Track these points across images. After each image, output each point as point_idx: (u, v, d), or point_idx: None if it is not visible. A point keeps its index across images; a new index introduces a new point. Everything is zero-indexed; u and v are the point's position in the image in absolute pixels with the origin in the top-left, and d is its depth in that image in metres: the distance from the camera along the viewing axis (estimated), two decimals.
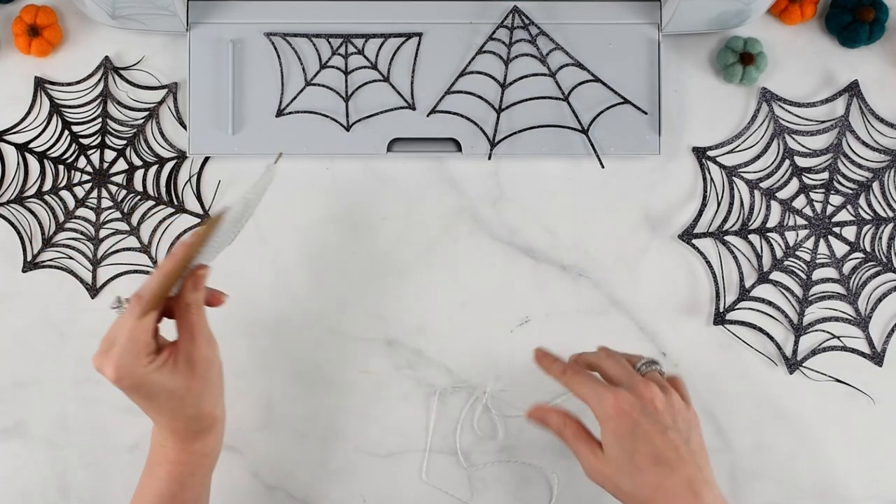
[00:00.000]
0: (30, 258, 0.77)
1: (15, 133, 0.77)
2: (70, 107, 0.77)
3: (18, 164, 0.77)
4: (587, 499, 0.75)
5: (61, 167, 0.77)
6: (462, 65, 0.76)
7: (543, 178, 0.78)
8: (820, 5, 0.78)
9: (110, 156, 0.77)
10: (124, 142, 0.77)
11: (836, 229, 0.77)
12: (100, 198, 0.77)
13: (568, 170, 0.78)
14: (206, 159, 0.77)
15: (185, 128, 0.77)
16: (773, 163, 0.77)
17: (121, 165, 0.77)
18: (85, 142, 0.77)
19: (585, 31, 0.76)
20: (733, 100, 0.78)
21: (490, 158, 0.76)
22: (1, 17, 0.78)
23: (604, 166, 0.76)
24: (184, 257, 0.60)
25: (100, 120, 0.77)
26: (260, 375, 0.76)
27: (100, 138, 0.77)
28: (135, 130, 0.77)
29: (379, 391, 0.76)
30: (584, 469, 0.64)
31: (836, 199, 0.77)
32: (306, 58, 0.76)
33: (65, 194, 0.77)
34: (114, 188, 0.77)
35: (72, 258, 0.77)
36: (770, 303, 0.77)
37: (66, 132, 0.77)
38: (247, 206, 0.63)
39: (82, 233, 0.77)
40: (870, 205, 0.77)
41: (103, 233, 0.77)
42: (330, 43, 0.76)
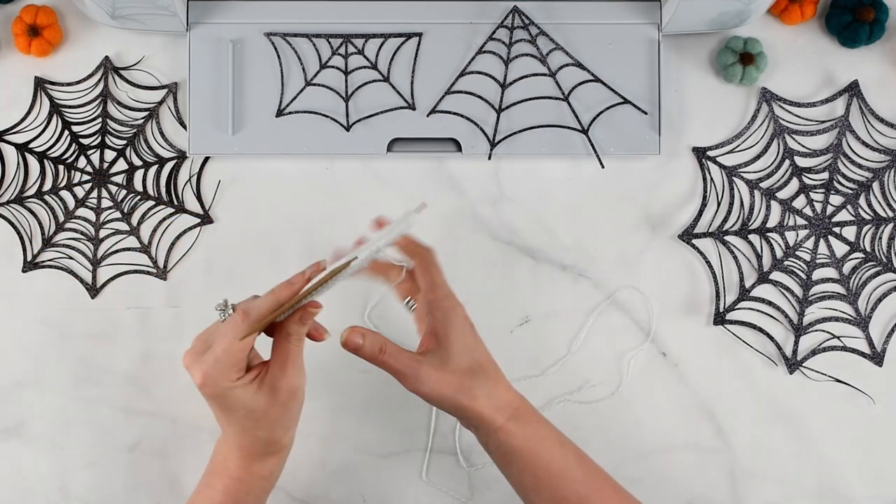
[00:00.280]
0: (30, 258, 0.77)
1: (15, 133, 0.77)
2: (70, 107, 0.77)
3: (18, 164, 0.77)
4: None
5: (61, 167, 0.77)
6: (462, 65, 0.76)
7: (543, 178, 0.78)
8: (820, 5, 0.78)
9: (110, 156, 0.77)
10: (124, 142, 0.77)
11: (836, 229, 0.77)
12: (100, 198, 0.77)
13: (568, 170, 0.78)
14: (206, 159, 0.77)
15: (185, 128, 0.77)
16: (773, 163, 0.77)
17: (121, 165, 0.77)
18: (85, 142, 0.77)
19: (585, 31, 0.76)
20: (733, 100, 0.78)
21: (490, 158, 0.76)
22: (1, 17, 0.78)
23: (604, 166, 0.76)
24: (301, 290, 0.60)
25: (100, 120, 0.77)
26: None
27: (100, 138, 0.77)
28: (135, 130, 0.77)
29: (379, 391, 0.76)
30: (413, 378, 0.61)
31: (836, 199, 0.77)
32: (306, 58, 0.76)
33: (65, 194, 0.77)
34: (114, 188, 0.77)
35: (72, 258, 0.77)
36: (770, 303, 0.77)
37: (66, 132, 0.77)
38: (375, 253, 0.62)
39: (82, 233, 0.77)
40: (870, 205, 0.77)
41: (103, 233, 0.77)
42: (330, 43, 0.76)
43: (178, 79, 0.78)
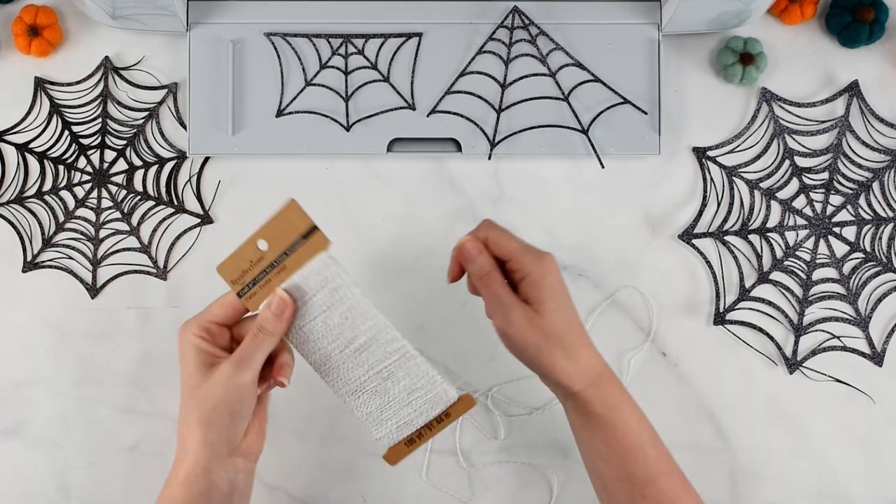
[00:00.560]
0: (30, 258, 0.77)
1: (15, 133, 0.77)
2: (70, 107, 0.77)
3: (18, 164, 0.77)
4: (587, 499, 0.75)
5: (61, 167, 0.77)
6: (462, 65, 0.76)
7: (543, 178, 0.78)
8: (820, 5, 0.78)
9: (110, 156, 0.77)
10: (124, 142, 0.77)
11: (836, 229, 0.77)
12: (100, 198, 0.77)
13: (568, 170, 0.78)
14: (206, 159, 0.77)
15: (185, 128, 0.77)
16: (773, 163, 0.77)
17: (121, 165, 0.77)
18: (85, 142, 0.77)
19: (585, 31, 0.76)
20: (733, 100, 0.78)
21: (490, 158, 0.76)
22: (1, 17, 0.78)
23: (604, 166, 0.76)
24: (275, 254, 0.61)
25: (100, 120, 0.77)
26: None
27: (100, 138, 0.77)
28: (135, 130, 0.77)
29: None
30: (504, 316, 0.61)
31: (836, 199, 0.77)
32: (306, 58, 0.76)
33: (65, 194, 0.77)
34: (114, 188, 0.77)
35: (72, 258, 0.77)
36: (770, 303, 0.77)
37: (66, 132, 0.77)
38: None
39: (82, 233, 0.77)
40: (870, 205, 0.77)
41: (103, 233, 0.77)
42: (330, 43, 0.76)
43: (178, 79, 0.78)
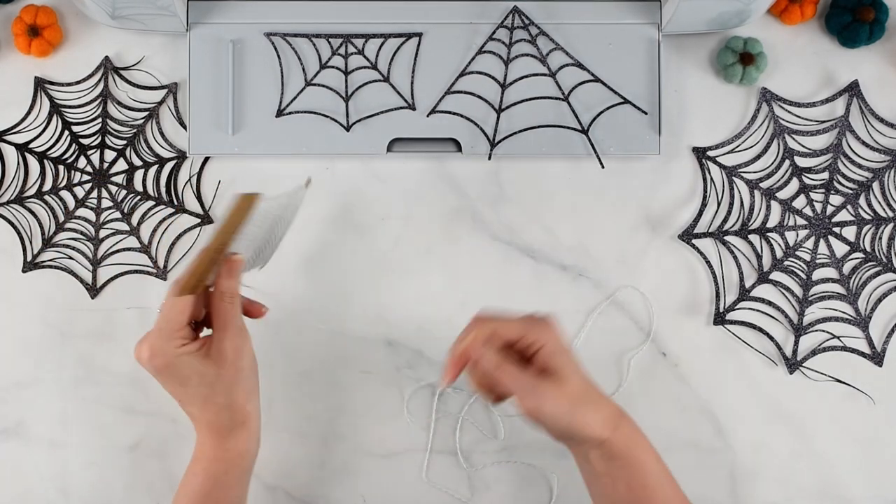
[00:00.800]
0: (30, 258, 0.77)
1: (15, 133, 0.77)
2: (70, 107, 0.77)
3: (18, 164, 0.77)
4: (587, 499, 0.75)
5: (61, 167, 0.77)
6: (462, 65, 0.76)
7: (543, 178, 0.78)
8: (820, 5, 0.78)
9: (110, 156, 0.77)
10: (124, 142, 0.77)
11: (836, 229, 0.77)
12: (100, 198, 0.77)
13: (568, 170, 0.78)
14: (206, 159, 0.77)
15: (185, 128, 0.77)
16: (773, 163, 0.77)
17: (121, 165, 0.77)
18: (85, 142, 0.77)
19: (585, 31, 0.76)
20: (733, 100, 0.78)
21: (490, 158, 0.76)
22: (1, 17, 0.78)
23: (604, 166, 0.76)
24: (218, 240, 0.62)
25: (100, 120, 0.77)
26: (260, 375, 0.76)
27: (100, 138, 0.77)
28: (135, 130, 0.77)
29: (379, 391, 0.76)
30: (532, 396, 0.60)
31: (836, 199, 0.77)
32: (306, 58, 0.76)
33: (65, 194, 0.77)
34: (114, 188, 0.77)
35: (72, 258, 0.77)
36: (770, 303, 0.77)
37: (66, 132, 0.77)
38: (278, 216, 0.65)
39: (82, 233, 0.77)
40: (870, 205, 0.77)
41: (103, 233, 0.77)
42: (330, 43, 0.76)
43: (178, 79, 0.78)
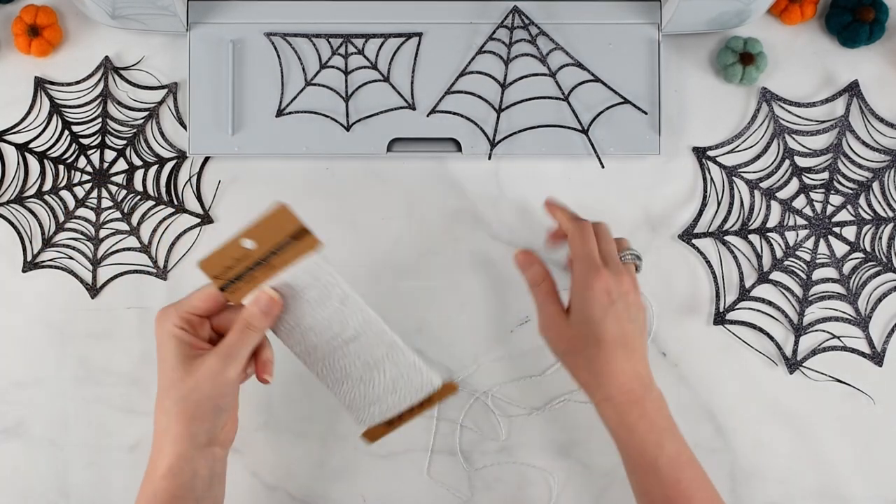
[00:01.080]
0: (30, 258, 0.77)
1: (15, 133, 0.77)
2: (70, 107, 0.77)
3: (18, 164, 0.77)
4: (587, 499, 0.75)
5: (61, 167, 0.77)
6: (462, 65, 0.76)
7: (543, 178, 0.78)
8: (820, 5, 0.78)
9: (110, 156, 0.77)
10: (124, 142, 0.77)
11: (836, 229, 0.77)
12: (100, 198, 0.77)
13: (568, 170, 0.78)
14: (206, 159, 0.77)
15: (185, 128, 0.77)
16: (773, 163, 0.77)
17: (121, 165, 0.77)
18: (85, 142, 0.77)
19: (585, 31, 0.76)
20: (733, 100, 0.78)
21: (490, 158, 0.76)
22: (1, 17, 0.78)
23: (604, 166, 0.76)
24: (261, 251, 0.61)
25: (100, 120, 0.77)
26: None
27: (100, 138, 0.77)
28: (135, 130, 0.77)
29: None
30: (542, 322, 0.68)
31: (836, 199, 0.77)
32: (306, 58, 0.76)
33: (65, 194, 0.77)
34: (114, 188, 0.77)
35: (72, 258, 0.77)
36: (770, 303, 0.77)
37: (66, 132, 0.77)
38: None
39: (82, 233, 0.77)
40: (870, 205, 0.77)
41: (103, 233, 0.77)
42: (330, 43, 0.76)
43: (178, 79, 0.78)
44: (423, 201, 0.77)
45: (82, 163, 0.77)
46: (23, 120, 0.77)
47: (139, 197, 0.77)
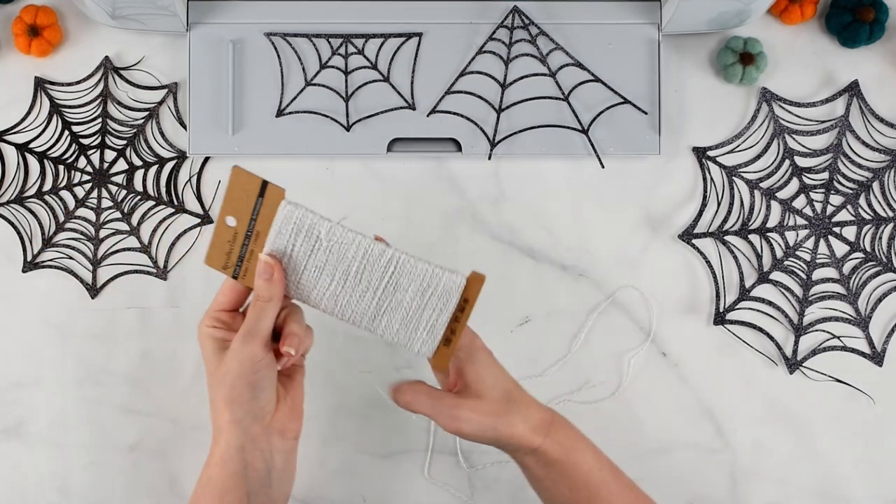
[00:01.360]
0: (30, 258, 0.77)
1: (15, 133, 0.77)
2: (70, 107, 0.77)
3: (18, 164, 0.77)
4: None
5: (61, 167, 0.77)
6: (462, 65, 0.76)
7: (543, 178, 0.78)
8: (820, 5, 0.78)
9: (110, 156, 0.77)
10: (124, 142, 0.77)
11: (836, 229, 0.77)
12: (100, 198, 0.77)
13: (568, 170, 0.78)
14: (206, 159, 0.77)
15: (185, 128, 0.77)
16: (773, 163, 0.77)
17: (121, 165, 0.77)
18: (85, 142, 0.77)
19: (585, 31, 0.76)
20: (733, 100, 0.78)
21: (490, 158, 0.76)
22: (1, 17, 0.78)
23: (604, 166, 0.76)
24: (240, 223, 0.60)
25: (100, 120, 0.77)
26: None
27: (100, 138, 0.77)
28: (135, 130, 0.77)
29: (379, 391, 0.76)
30: (464, 425, 0.61)
31: (836, 199, 0.77)
32: (306, 58, 0.76)
33: (65, 194, 0.77)
34: (114, 188, 0.77)
35: (72, 258, 0.77)
36: (770, 303, 0.77)
37: (66, 132, 0.77)
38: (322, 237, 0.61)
39: (82, 233, 0.77)
40: (870, 205, 0.77)
41: (103, 233, 0.77)
42: (330, 43, 0.76)
43: (178, 79, 0.78)
44: (423, 201, 0.77)
45: (82, 163, 0.77)
46: (23, 120, 0.77)
47: (139, 197, 0.77)
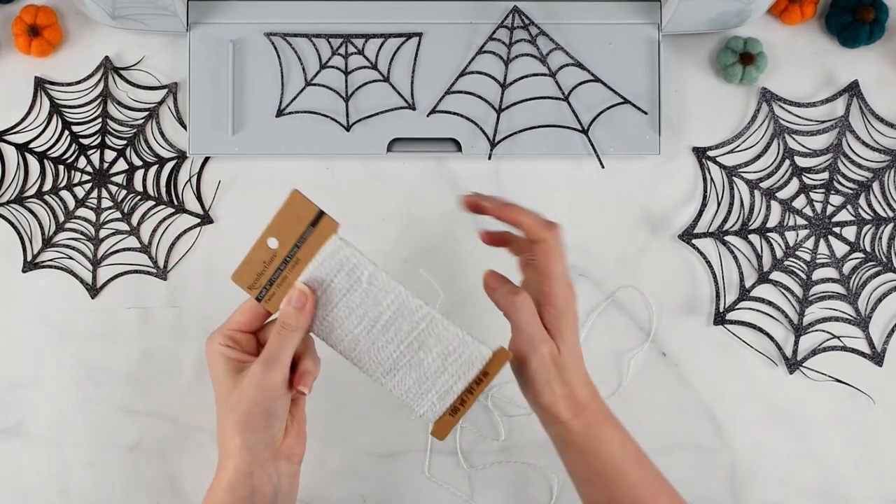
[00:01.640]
0: (30, 258, 0.77)
1: (15, 133, 0.77)
2: (70, 107, 0.77)
3: (18, 164, 0.77)
4: None
5: (61, 167, 0.77)
6: (462, 65, 0.76)
7: (543, 178, 0.78)
8: (820, 5, 0.78)
9: (110, 156, 0.77)
10: (124, 142, 0.77)
11: (836, 229, 0.77)
12: (100, 198, 0.77)
13: (568, 170, 0.78)
14: (206, 159, 0.77)
15: (185, 128, 0.77)
16: (773, 163, 0.77)
17: (121, 165, 0.77)
18: (85, 142, 0.77)
19: (585, 31, 0.76)
20: (733, 100, 0.78)
21: (490, 158, 0.76)
22: (1, 17, 0.78)
23: (604, 166, 0.76)
24: (283, 246, 0.60)
25: (100, 120, 0.77)
26: None
27: (100, 138, 0.77)
28: (135, 130, 0.77)
29: (379, 391, 0.76)
30: (528, 356, 0.61)
31: (836, 199, 0.77)
32: (306, 58, 0.76)
33: (65, 194, 0.77)
34: (114, 188, 0.77)
35: (72, 258, 0.77)
36: (770, 303, 0.77)
37: (66, 132, 0.77)
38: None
39: (82, 233, 0.77)
40: (870, 205, 0.77)
41: (103, 233, 0.77)
42: (330, 43, 0.76)
43: (178, 79, 0.78)
44: (423, 201, 0.77)
45: (82, 163, 0.77)
46: (23, 120, 0.77)
47: (139, 197, 0.77)
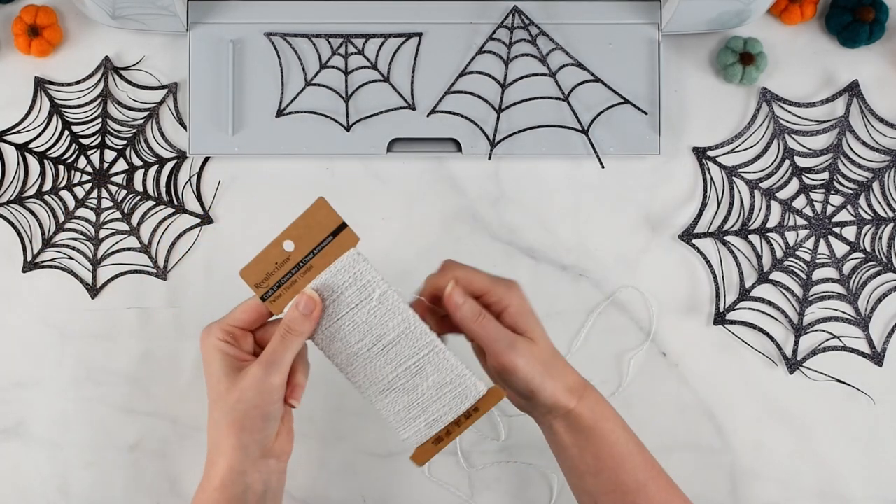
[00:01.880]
0: (30, 258, 0.77)
1: (15, 133, 0.77)
2: (70, 107, 0.77)
3: (18, 164, 0.77)
4: None
5: (61, 167, 0.77)
6: (462, 65, 0.76)
7: (543, 178, 0.78)
8: (820, 5, 0.78)
9: (110, 156, 0.77)
10: (124, 142, 0.77)
11: (836, 229, 0.77)
12: (100, 198, 0.77)
13: (568, 170, 0.78)
14: (206, 159, 0.77)
15: (185, 128, 0.77)
16: (773, 163, 0.77)
17: (121, 165, 0.77)
18: (85, 142, 0.77)
19: (585, 31, 0.76)
20: (733, 100, 0.78)
21: (490, 158, 0.76)
22: (1, 17, 0.78)
23: (604, 166, 0.76)
24: (299, 251, 0.60)
25: (100, 120, 0.77)
26: None
27: (100, 138, 0.77)
28: (135, 130, 0.77)
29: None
30: (519, 358, 0.60)
31: (836, 199, 0.77)
32: (306, 58, 0.76)
33: (65, 194, 0.77)
34: (114, 188, 0.77)
35: (72, 258, 0.77)
36: (770, 303, 0.77)
37: (66, 132, 0.77)
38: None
39: (82, 233, 0.77)
40: (870, 205, 0.77)
41: (103, 233, 0.77)
42: (330, 43, 0.76)
43: (178, 79, 0.78)
44: (423, 201, 0.77)
45: (82, 163, 0.77)
46: (23, 120, 0.77)
47: (139, 197, 0.77)
